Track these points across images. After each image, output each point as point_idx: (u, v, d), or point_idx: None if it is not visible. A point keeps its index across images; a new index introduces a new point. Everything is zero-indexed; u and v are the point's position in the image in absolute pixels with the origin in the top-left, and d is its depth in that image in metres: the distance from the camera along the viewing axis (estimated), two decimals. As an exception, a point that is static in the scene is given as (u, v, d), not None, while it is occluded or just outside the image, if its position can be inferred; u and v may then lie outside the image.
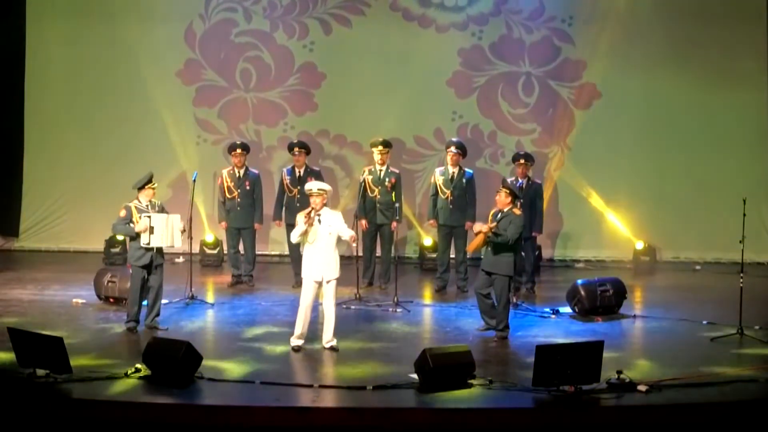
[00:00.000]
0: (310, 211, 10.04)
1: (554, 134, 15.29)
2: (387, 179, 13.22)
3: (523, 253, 12.85)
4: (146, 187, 10.89)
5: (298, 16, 15.41)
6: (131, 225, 10.76)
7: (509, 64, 15.40)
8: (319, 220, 10.06)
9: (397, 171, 13.46)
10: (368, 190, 13.22)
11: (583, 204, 15.32)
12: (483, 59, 15.41)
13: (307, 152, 13.54)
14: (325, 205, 10.16)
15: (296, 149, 13.42)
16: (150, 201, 10.92)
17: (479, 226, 10.72)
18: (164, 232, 10.75)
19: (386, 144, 13.34)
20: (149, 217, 10.72)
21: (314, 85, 15.51)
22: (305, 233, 10.04)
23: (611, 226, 15.31)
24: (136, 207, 10.83)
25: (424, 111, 15.42)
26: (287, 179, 13.39)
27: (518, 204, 10.94)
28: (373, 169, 13.33)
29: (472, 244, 10.92)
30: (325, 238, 10.08)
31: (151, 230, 10.69)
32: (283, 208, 13.36)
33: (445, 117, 15.40)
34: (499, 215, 10.74)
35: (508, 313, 10.80)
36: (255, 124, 15.57)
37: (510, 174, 13.72)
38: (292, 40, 15.47)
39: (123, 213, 10.85)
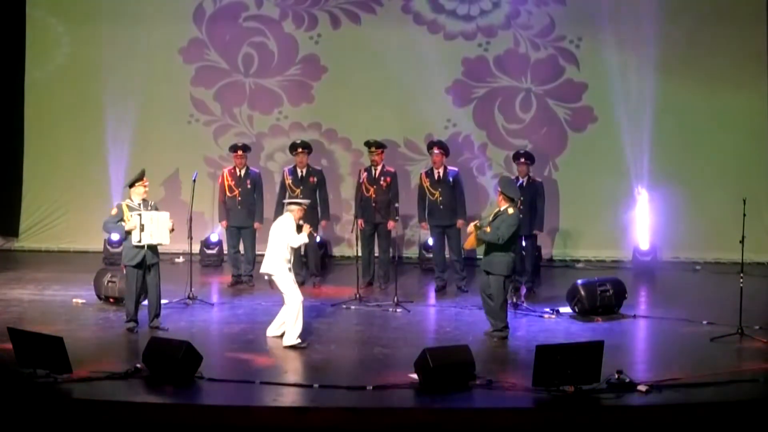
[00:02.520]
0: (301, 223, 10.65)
1: (545, 153, 15.21)
2: (382, 178, 13.24)
3: (523, 252, 12.87)
4: (137, 184, 10.88)
5: (309, 7, 15.41)
6: (122, 224, 10.76)
7: (511, 79, 15.37)
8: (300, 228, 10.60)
9: (392, 170, 13.47)
10: (364, 190, 13.23)
11: (583, 204, 15.30)
12: (485, 71, 15.37)
13: (309, 152, 13.56)
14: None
15: (299, 149, 13.44)
16: (143, 199, 10.90)
17: (471, 225, 10.73)
18: (154, 230, 10.74)
19: (379, 145, 13.36)
20: (140, 215, 10.72)
21: (314, 78, 15.51)
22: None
23: (611, 226, 15.28)
24: (127, 205, 10.82)
25: (418, 115, 15.34)
26: (289, 179, 13.38)
27: (517, 203, 10.92)
28: (368, 169, 13.35)
29: (467, 243, 10.99)
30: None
31: (142, 228, 10.69)
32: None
33: (438, 124, 15.33)
34: (496, 213, 10.75)
35: (505, 313, 10.78)
36: (249, 109, 15.57)
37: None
38: (299, 30, 15.47)
39: (114, 211, 10.85)
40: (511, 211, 10.65)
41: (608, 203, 15.19)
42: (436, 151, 13.18)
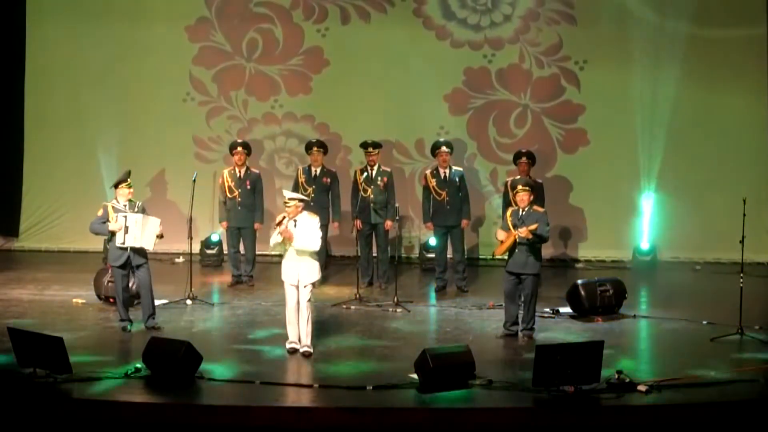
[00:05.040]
0: (281, 221, 10.00)
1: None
2: (380, 178, 13.23)
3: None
4: (121, 185, 10.85)
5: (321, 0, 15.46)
6: (107, 224, 10.76)
7: (510, 93, 15.33)
8: (295, 225, 10.00)
9: (388, 170, 13.46)
10: (362, 190, 13.22)
11: (583, 204, 15.30)
12: (486, 83, 15.34)
13: (325, 152, 13.55)
14: (303, 210, 10.09)
15: (315, 148, 13.46)
16: (129, 201, 10.89)
17: (525, 231, 10.46)
18: (138, 233, 10.70)
19: (376, 145, 13.35)
20: (125, 216, 10.71)
21: (315, 70, 15.50)
22: (282, 242, 10.01)
23: (611, 226, 15.28)
24: (113, 207, 10.82)
25: (413, 120, 15.33)
26: (303, 177, 13.38)
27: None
28: (364, 169, 13.34)
29: (502, 247, 10.69)
30: None
31: (126, 230, 10.68)
32: None
33: (431, 130, 15.26)
34: (521, 213, 10.70)
35: (535, 310, 10.84)
36: (246, 94, 15.58)
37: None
38: (307, 22, 15.46)
39: (100, 212, 10.87)
40: (539, 209, 10.76)
41: (607, 205, 15.18)
42: (444, 149, 13.14)
